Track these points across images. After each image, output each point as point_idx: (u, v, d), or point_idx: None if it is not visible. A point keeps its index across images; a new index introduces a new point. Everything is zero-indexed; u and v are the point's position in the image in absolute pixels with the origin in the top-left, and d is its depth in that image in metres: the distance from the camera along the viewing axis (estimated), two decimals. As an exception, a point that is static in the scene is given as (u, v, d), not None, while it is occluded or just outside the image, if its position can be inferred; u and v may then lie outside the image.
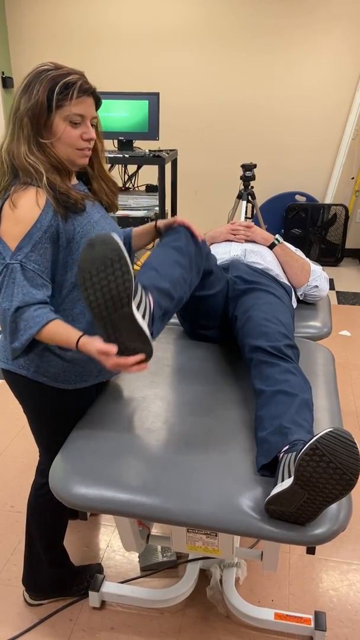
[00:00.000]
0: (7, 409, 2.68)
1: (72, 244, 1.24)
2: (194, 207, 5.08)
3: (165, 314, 1.28)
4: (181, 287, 1.34)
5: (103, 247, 1.02)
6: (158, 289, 1.26)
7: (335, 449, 0.96)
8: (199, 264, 1.47)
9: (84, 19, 4.61)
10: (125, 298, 1.03)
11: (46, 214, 1.18)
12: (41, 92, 1.16)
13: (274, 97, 4.61)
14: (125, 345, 1.08)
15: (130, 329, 1.06)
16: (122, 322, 1.05)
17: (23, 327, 1.16)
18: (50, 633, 1.60)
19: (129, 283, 1.03)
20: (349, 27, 4.30)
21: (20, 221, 1.16)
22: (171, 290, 1.29)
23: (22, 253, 1.16)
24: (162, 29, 4.54)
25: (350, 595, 1.72)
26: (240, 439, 1.29)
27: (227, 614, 1.65)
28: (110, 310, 1.05)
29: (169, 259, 1.37)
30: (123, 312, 1.04)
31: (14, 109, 1.19)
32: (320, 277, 2.05)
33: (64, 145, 1.21)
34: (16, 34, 4.78)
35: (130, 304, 1.04)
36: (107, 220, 1.36)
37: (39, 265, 1.18)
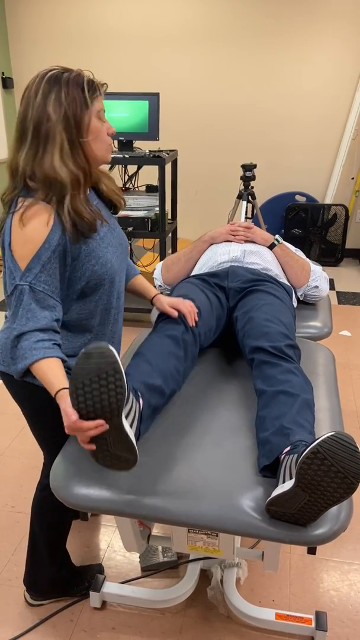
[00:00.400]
0: (7, 409, 2.68)
1: (77, 262, 1.23)
2: (194, 207, 5.08)
3: (154, 410, 1.28)
4: (174, 380, 1.34)
5: (99, 360, 1.00)
6: (149, 387, 1.25)
7: (337, 453, 0.96)
8: (194, 352, 1.47)
9: (84, 20, 4.61)
10: (116, 410, 1.03)
11: (54, 233, 1.17)
12: (73, 93, 1.13)
13: (274, 97, 4.61)
14: (110, 451, 1.08)
15: (117, 437, 1.06)
16: (111, 431, 1.05)
17: (20, 356, 1.14)
18: (51, 633, 1.60)
19: (122, 396, 1.02)
20: (349, 27, 4.30)
21: (29, 240, 1.15)
22: (163, 387, 1.29)
23: (31, 274, 1.15)
24: (162, 30, 4.54)
25: (351, 595, 1.72)
26: (242, 439, 1.29)
27: (228, 614, 1.65)
28: (99, 418, 1.04)
29: (163, 350, 1.37)
30: (112, 422, 1.04)
31: (37, 120, 1.13)
32: (320, 277, 2.05)
33: (99, 142, 1.20)
34: (16, 35, 4.78)
35: (121, 415, 1.04)
36: (113, 234, 1.34)
37: (49, 286, 1.17)
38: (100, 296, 1.31)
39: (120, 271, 1.36)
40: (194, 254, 2.06)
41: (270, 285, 1.74)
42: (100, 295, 1.30)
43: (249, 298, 1.68)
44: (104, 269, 1.27)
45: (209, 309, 1.61)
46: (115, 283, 1.34)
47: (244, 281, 1.75)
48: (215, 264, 1.90)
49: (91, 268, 1.24)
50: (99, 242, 1.27)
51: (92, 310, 1.31)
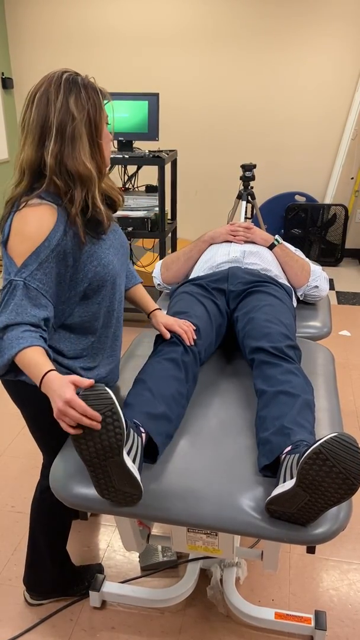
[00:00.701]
0: (7, 410, 2.68)
1: (79, 264, 1.23)
2: (193, 207, 5.08)
3: (168, 437, 1.26)
4: (177, 403, 1.32)
5: (96, 401, 1.01)
6: (153, 416, 1.24)
7: (339, 453, 0.96)
8: (195, 372, 1.46)
9: (84, 20, 4.61)
10: (117, 449, 1.04)
11: (55, 232, 1.17)
12: (93, 96, 1.18)
13: (274, 97, 4.61)
14: (114, 487, 1.09)
15: (120, 474, 1.06)
16: (113, 469, 1.06)
17: (6, 346, 1.13)
18: (51, 633, 1.60)
19: (121, 436, 1.03)
20: (349, 27, 4.30)
21: (29, 238, 1.15)
22: (167, 413, 1.27)
23: (27, 271, 1.15)
24: (162, 30, 4.54)
25: (350, 594, 1.72)
26: (242, 439, 1.29)
27: (228, 614, 1.65)
28: (101, 458, 1.05)
29: (164, 375, 1.36)
30: (114, 460, 1.05)
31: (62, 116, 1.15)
32: (320, 277, 2.05)
33: (107, 145, 1.25)
34: (16, 36, 4.79)
35: (122, 454, 1.04)
36: (115, 235, 1.35)
37: (43, 285, 1.17)
38: (103, 298, 1.31)
39: (121, 273, 1.37)
40: (194, 253, 2.07)
41: (271, 286, 1.74)
42: (102, 297, 1.30)
43: (249, 299, 1.68)
44: (106, 270, 1.27)
45: (208, 324, 1.59)
46: (117, 285, 1.34)
47: (244, 283, 1.75)
48: (215, 264, 1.90)
49: (93, 269, 1.25)
50: (101, 244, 1.27)
51: (95, 312, 1.31)
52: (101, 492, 1.12)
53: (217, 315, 1.66)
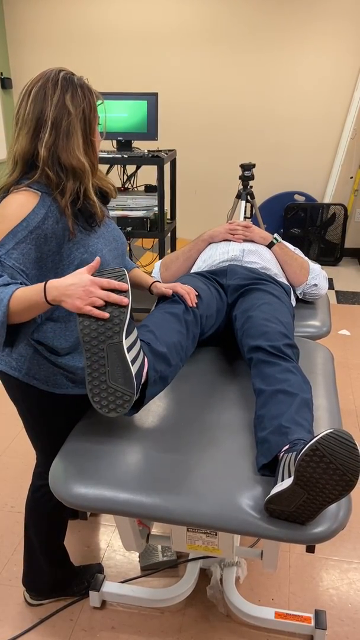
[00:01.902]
0: (6, 410, 2.68)
1: (63, 249, 1.23)
2: (193, 207, 5.08)
3: (162, 378, 1.27)
4: (178, 353, 1.34)
5: (110, 274, 1.05)
6: (154, 352, 1.26)
7: (335, 450, 0.96)
8: (195, 332, 1.48)
9: (83, 20, 4.61)
10: (118, 329, 1.03)
11: (35, 215, 1.18)
12: (88, 95, 1.22)
13: (273, 96, 4.61)
14: (107, 383, 1.06)
15: (116, 361, 1.04)
16: (110, 354, 1.04)
17: None
18: (51, 633, 1.60)
19: (124, 316, 1.03)
20: (348, 26, 4.30)
21: (7, 218, 1.17)
22: (168, 355, 1.29)
23: (3, 249, 1.15)
24: (161, 29, 4.54)
25: (350, 593, 1.72)
26: (240, 438, 1.29)
27: (228, 613, 1.65)
28: (100, 340, 1.05)
29: (166, 325, 1.38)
30: (112, 343, 1.04)
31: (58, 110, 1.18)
32: (319, 276, 2.05)
33: (97, 145, 1.28)
34: (15, 35, 4.78)
35: (121, 338, 1.03)
36: (107, 228, 1.36)
37: (20, 264, 1.16)
38: None
39: (112, 265, 1.37)
40: (193, 252, 2.07)
41: (269, 285, 1.74)
42: None
43: (247, 297, 1.68)
44: (93, 258, 1.28)
45: (210, 296, 1.62)
46: None
47: (243, 278, 1.75)
48: (215, 263, 1.90)
49: (80, 256, 1.25)
50: (90, 233, 1.29)
51: None
52: (92, 388, 1.09)
53: (218, 298, 1.69)
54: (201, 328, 1.54)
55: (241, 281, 1.74)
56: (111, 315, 1.04)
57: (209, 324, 1.61)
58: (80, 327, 1.06)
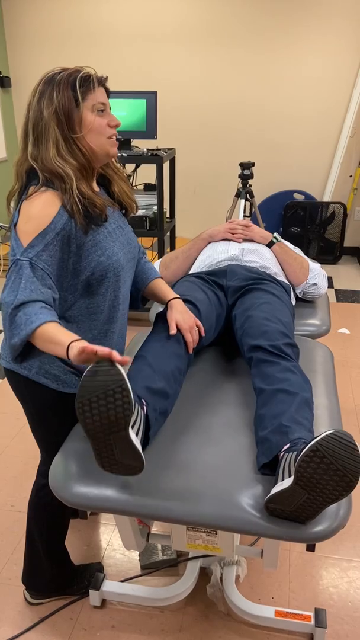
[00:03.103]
0: (7, 409, 2.68)
1: (82, 251, 1.23)
2: (192, 205, 5.08)
3: (162, 414, 1.27)
4: (176, 380, 1.34)
5: (105, 377, 1.01)
6: (152, 391, 1.25)
7: (336, 451, 0.96)
8: (192, 355, 1.46)
9: (82, 18, 4.60)
10: (124, 424, 1.03)
11: (61, 216, 1.18)
12: (64, 90, 1.18)
13: (272, 95, 4.61)
14: (116, 459, 1.08)
15: (123, 448, 1.06)
16: (117, 443, 1.06)
17: (24, 322, 1.11)
18: (51, 632, 1.60)
19: (129, 412, 1.02)
20: (347, 24, 4.30)
21: (34, 218, 1.17)
22: (166, 389, 1.28)
23: (33, 251, 1.15)
24: (160, 28, 4.53)
25: (350, 592, 1.72)
26: (240, 437, 1.29)
27: (228, 612, 1.65)
28: (106, 432, 1.04)
29: (163, 352, 1.36)
30: (119, 435, 1.04)
31: (34, 118, 1.19)
32: (319, 275, 2.05)
33: (96, 135, 1.22)
34: (14, 34, 4.78)
35: (128, 428, 1.04)
36: (122, 232, 1.35)
37: (49, 266, 1.18)
38: (107, 290, 1.31)
39: (127, 269, 1.37)
40: (193, 251, 2.06)
41: (269, 284, 1.74)
42: (106, 288, 1.30)
43: (247, 297, 1.68)
44: (110, 261, 1.27)
45: (209, 307, 1.61)
46: (121, 279, 1.34)
47: (243, 279, 1.75)
48: (214, 262, 1.90)
49: (97, 259, 1.25)
50: (107, 235, 1.28)
51: (99, 305, 1.31)
52: (102, 464, 1.10)
53: (217, 305, 1.68)
54: (201, 343, 1.54)
55: (241, 282, 1.74)
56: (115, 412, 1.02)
57: (208, 337, 1.60)
58: (83, 424, 1.04)
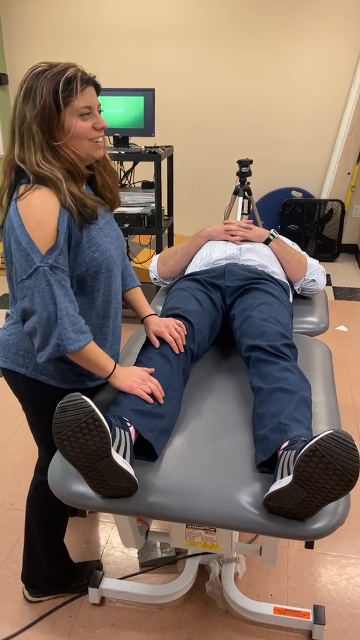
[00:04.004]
0: (5, 407, 2.67)
1: (79, 248, 1.23)
2: (190, 203, 5.07)
3: (163, 432, 1.26)
4: (169, 398, 1.32)
5: (76, 411, 1.03)
6: (141, 413, 1.24)
7: (335, 450, 0.97)
8: (186, 366, 1.45)
9: (79, 15, 4.59)
10: (105, 451, 1.05)
11: (63, 215, 1.18)
12: (45, 95, 1.13)
13: (270, 92, 4.60)
14: (109, 484, 1.10)
15: (112, 472, 1.07)
16: (105, 469, 1.07)
17: (74, 338, 1.19)
18: (50, 630, 1.60)
19: (106, 439, 1.04)
20: (344, 21, 4.29)
21: (43, 223, 1.15)
22: (157, 409, 1.27)
23: (52, 257, 1.15)
24: (157, 25, 4.52)
25: (348, 589, 1.73)
26: (238, 435, 1.29)
27: (227, 609, 1.66)
28: (90, 462, 1.06)
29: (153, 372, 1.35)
30: (104, 461, 1.06)
31: (19, 119, 1.17)
32: (317, 271, 2.05)
33: (78, 139, 1.19)
34: (10, 30, 4.76)
35: (110, 455, 1.05)
36: (111, 227, 1.35)
37: (66, 268, 1.19)
38: (99, 286, 1.31)
39: (118, 264, 1.37)
40: (191, 249, 2.06)
41: (268, 284, 1.73)
42: (99, 284, 1.30)
43: (246, 296, 1.68)
44: (104, 256, 1.28)
45: (202, 319, 1.58)
46: (113, 274, 1.34)
47: (241, 279, 1.74)
48: (212, 261, 1.90)
49: (91, 255, 1.25)
50: (99, 231, 1.28)
51: (92, 301, 1.31)
52: (96, 489, 1.12)
53: (212, 310, 1.66)
54: (195, 356, 1.53)
55: (239, 282, 1.73)
56: (93, 442, 1.04)
57: (203, 347, 1.59)
58: (67, 458, 1.06)
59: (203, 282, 1.75)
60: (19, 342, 1.33)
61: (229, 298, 1.72)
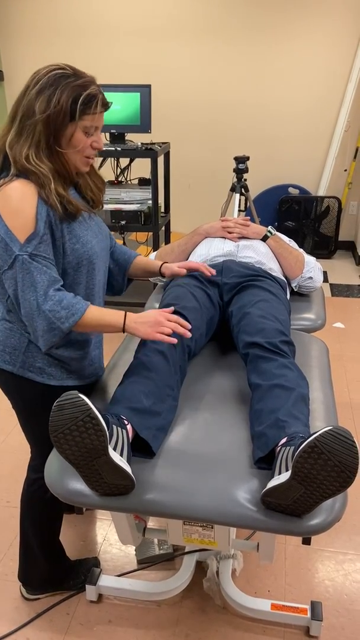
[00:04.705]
0: (1, 405, 2.67)
1: (61, 239, 1.23)
2: (187, 200, 5.06)
3: (160, 429, 1.25)
4: (166, 396, 1.31)
5: (72, 409, 1.03)
6: (137, 410, 1.23)
7: (333, 447, 0.96)
8: (183, 364, 1.45)
9: (75, 12, 4.57)
10: (102, 450, 1.04)
11: (42, 204, 1.18)
12: (64, 102, 1.14)
13: (267, 89, 4.59)
14: (106, 482, 1.09)
15: (109, 470, 1.07)
16: (102, 467, 1.07)
17: (65, 315, 1.17)
18: (48, 627, 1.60)
19: (103, 437, 1.04)
20: (341, 19, 4.28)
21: (20, 211, 1.15)
22: (153, 407, 1.26)
23: (31, 245, 1.16)
24: (154, 21, 4.50)
25: (345, 585, 1.73)
26: (236, 431, 1.29)
27: (224, 605, 1.66)
28: (87, 460, 1.06)
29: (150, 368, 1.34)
30: (101, 460, 1.05)
31: (26, 110, 1.16)
32: (314, 268, 2.05)
33: (76, 154, 1.22)
34: (6, 27, 4.73)
35: (108, 453, 1.05)
36: (93, 220, 1.36)
37: (48, 255, 1.19)
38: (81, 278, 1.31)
39: (101, 257, 1.37)
40: (189, 246, 2.06)
41: (265, 281, 1.73)
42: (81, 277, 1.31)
43: (244, 293, 1.68)
44: (85, 248, 1.28)
45: (198, 316, 1.58)
46: (96, 267, 1.34)
47: (239, 276, 1.74)
48: (209, 258, 1.89)
49: (72, 246, 1.25)
50: (80, 224, 1.28)
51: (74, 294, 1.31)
52: (93, 487, 1.12)
53: (209, 307, 1.66)
54: (193, 353, 1.54)
55: (237, 279, 1.73)
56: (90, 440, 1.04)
57: (200, 344, 1.59)
58: (64, 456, 1.06)
59: (200, 278, 1.75)
60: (5, 339, 1.32)
61: (227, 295, 1.72)
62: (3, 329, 1.32)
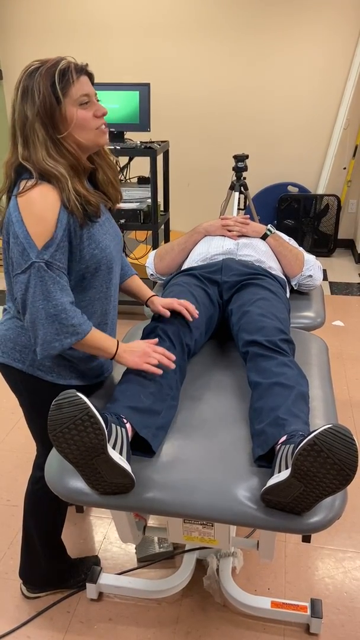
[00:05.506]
0: (2, 403, 2.67)
1: (81, 245, 1.23)
2: (186, 198, 5.06)
3: (160, 428, 1.25)
4: (165, 396, 1.32)
5: (71, 408, 1.03)
6: (137, 410, 1.23)
7: (333, 445, 0.97)
8: (182, 363, 1.45)
9: (74, 9, 4.56)
10: (101, 448, 1.05)
11: (64, 211, 1.18)
12: (43, 90, 1.14)
13: (266, 87, 4.59)
14: (105, 481, 1.10)
15: (109, 469, 1.08)
16: (101, 465, 1.07)
17: (70, 332, 1.19)
18: (48, 625, 1.61)
19: (102, 436, 1.04)
20: (340, 16, 4.28)
21: (42, 218, 1.15)
22: (153, 406, 1.27)
23: (48, 253, 1.16)
24: (152, 19, 4.50)
25: (345, 582, 1.73)
26: (235, 429, 1.29)
27: (224, 603, 1.66)
28: (87, 459, 1.06)
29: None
30: (100, 458, 1.06)
31: (21, 120, 1.17)
32: (314, 267, 2.05)
33: (81, 129, 1.20)
34: (5, 26, 4.72)
35: (107, 451, 1.05)
36: (110, 223, 1.36)
37: (62, 264, 1.19)
38: (100, 282, 1.31)
39: (117, 260, 1.37)
40: (188, 244, 2.06)
41: (265, 279, 1.73)
42: (99, 281, 1.31)
43: (243, 292, 1.68)
44: (103, 253, 1.28)
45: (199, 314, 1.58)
46: (113, 271, 1.34)
47: (238, 274, 1.74)
48: (209, 256, 1.89)
49: (91, 252, 1.25)
50: (99, 228, 1.28)
51: (91, 298, 1.32)
52: (93, 486, 1.12)
53: (209, 306, 1.66)
54: (192, 352, 1.53)
55: (237, 277, 1.73)
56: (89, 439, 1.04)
57: (199, 343, 1.59)
58: (63, 455, 1.07)
59: (200, 277, 1.75)
60: (15, 336, 1.32)
61: (226, 293, 1.72)
62: (14, 327, 1.32)
